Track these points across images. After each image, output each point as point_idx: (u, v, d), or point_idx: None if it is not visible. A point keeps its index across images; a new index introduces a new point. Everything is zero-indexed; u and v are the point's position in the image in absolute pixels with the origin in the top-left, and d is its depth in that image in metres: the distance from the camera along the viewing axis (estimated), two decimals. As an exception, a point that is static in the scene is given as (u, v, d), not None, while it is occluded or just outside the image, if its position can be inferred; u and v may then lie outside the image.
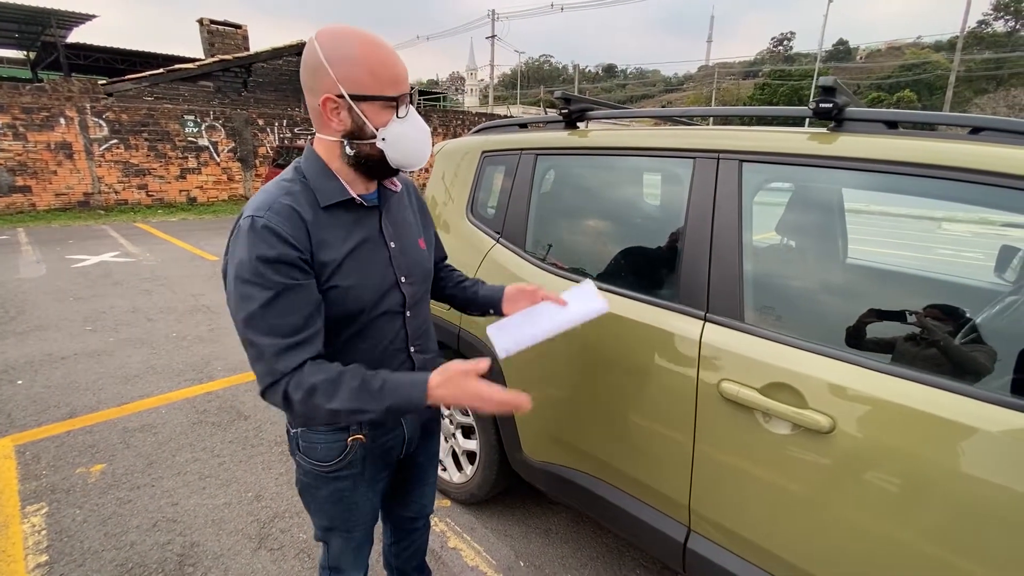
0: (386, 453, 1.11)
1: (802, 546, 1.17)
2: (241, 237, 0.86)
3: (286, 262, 0.85)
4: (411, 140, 0.93)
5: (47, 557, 1.84)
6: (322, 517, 1.11)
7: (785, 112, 1.39)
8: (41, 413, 2.82)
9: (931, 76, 45.83)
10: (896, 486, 1.02)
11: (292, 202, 0.88)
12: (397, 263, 1.02)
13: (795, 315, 1.37)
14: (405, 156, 0.93)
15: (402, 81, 0.90)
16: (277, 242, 0.84)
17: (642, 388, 1.42)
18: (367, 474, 1.09)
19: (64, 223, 9.38)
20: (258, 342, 0.85)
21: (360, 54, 0.85)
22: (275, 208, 0.87)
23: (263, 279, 0.84)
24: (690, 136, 1.42)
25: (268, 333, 0.84)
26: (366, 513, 1.14)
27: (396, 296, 1.02)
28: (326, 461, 1.02)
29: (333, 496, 1.07)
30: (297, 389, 0.84)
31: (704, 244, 1.33)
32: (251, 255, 0.83)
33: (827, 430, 1.08)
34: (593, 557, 1.94)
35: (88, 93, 10.36)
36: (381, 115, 0.89)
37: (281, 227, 0.85)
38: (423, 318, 1.12)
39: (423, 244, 1.11)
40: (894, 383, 1.05)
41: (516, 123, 2.03)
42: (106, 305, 4.74)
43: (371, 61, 0.86)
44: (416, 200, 1.17)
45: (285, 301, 0.85)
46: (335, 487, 1.06)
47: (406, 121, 0.91)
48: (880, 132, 1.16)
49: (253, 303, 0.84)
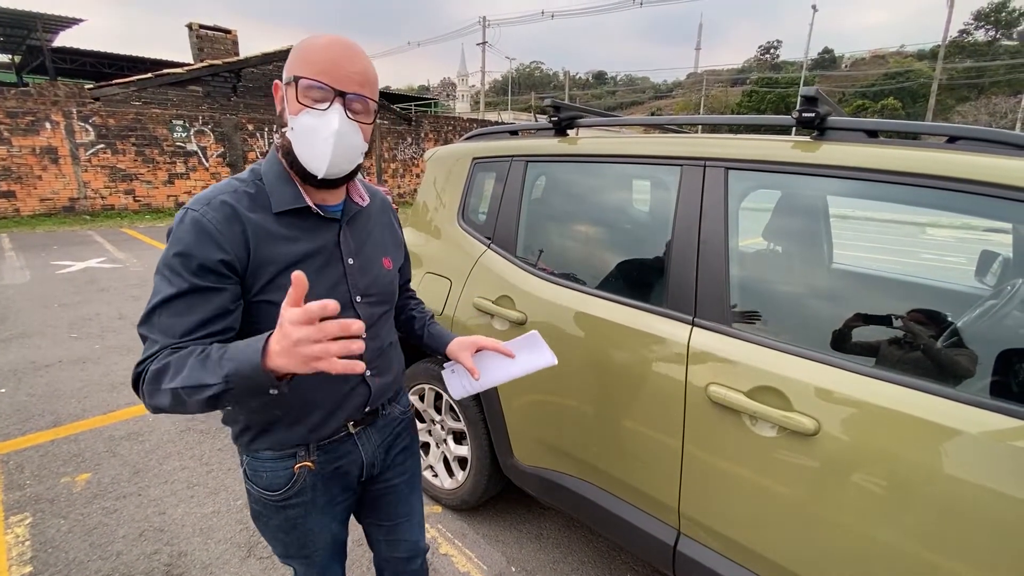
0: (341, 477, 1.05)
1: (790, 548, 1.19)
2: (173, 228, 0.82)
3: (203, 263, 0.79)
4: (315, 136, 0.81)
5: (31, 568, 1.81)
6: (276, 545, 1.06)
7: (770, 121, 1.42)
8: (25, 422, 2.77)
9: (914, 84, 46.78)
10: (879, 487, 1.04)
11: (234, 200, 0.83)
12: (353, 280, 0.95)
13: (781, 319, 1.39)
14: (307, 152, 0.83)
15: (338, 74, 0.80)
16: (202, 240, 0.79)
17: (631, 392, 1.43)
18: (319, 501, 1.02)
19: (49, 228, 9.24)
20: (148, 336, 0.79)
21: (312, 44, 0.81)
22: (213, 204, 0.82)
23: (174, 274, 0.79)
24: (677, 144, 1.45)
25: (160, 328, 0.78)
26: (323, 539, 1.06)
27: (348, 315, 0.94)
28: (272, 490, 0.97)
29: (285, 525, 1.01)
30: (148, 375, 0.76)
31: (691, 250, 1.35)
32: (171, 249, 0.80)
33: (812, 432, 1.10)
34: (584, 561, 1.94)
35: (74, 97, 10.24)
36: (295, 104, 0.82)
37: (213, 225, 0.80)
38: (383, 339, 1.04)
39: (388, 263, 1.04)
40: (877, 386, 1.07)
41: (507, 130, 2.05)
42: (92, 312, 4.67)
43: (315, 48, 0.81)
44: (392, 218, 1.13)
45: (187, 302, 0.79)
46: (286, 515, 1.00)
47: (321, 116, 0.81)
48: (861, 141, 1.19)
49: (157, 296, 0.79)
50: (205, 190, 0.85)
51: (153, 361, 0.76)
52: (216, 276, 0.80)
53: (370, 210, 1.04)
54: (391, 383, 1.08)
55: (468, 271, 1.87)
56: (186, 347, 0.77)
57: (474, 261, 1.87)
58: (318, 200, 0.92)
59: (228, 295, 0.82)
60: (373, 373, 1.02)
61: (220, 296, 0.81)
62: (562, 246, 1.86)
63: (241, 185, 0.86)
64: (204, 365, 0.73)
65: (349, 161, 0.87)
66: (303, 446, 0.97)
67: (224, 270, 0.81)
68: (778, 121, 1.34)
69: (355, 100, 0.83)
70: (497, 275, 1.79)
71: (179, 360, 0.75)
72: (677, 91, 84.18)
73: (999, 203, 1.00)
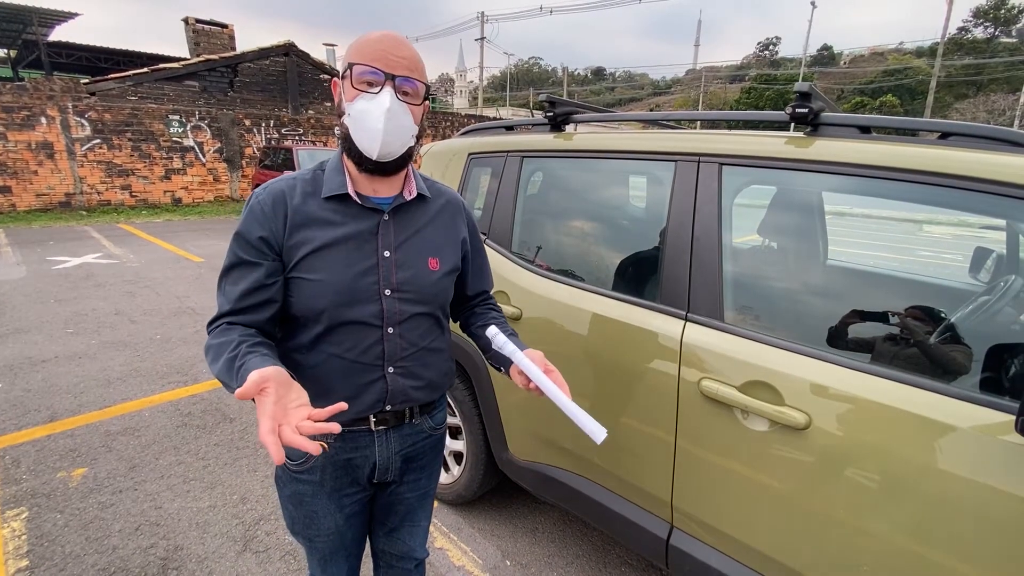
0: (352, 470, 1.05)
1: (781, 540, 1.20)
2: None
3: (247, 239, 0.91)
4: (369, 117, 0.87)
5: (27, 562, 1.81)
6: (286, 514, 1.11)
7: (764, 117, 1.42)
8: (21, 417, 2.77)
9: (913, 81, 46.76)
10: (869, 481, 1.05)
11: (287, 187, 0.94)
12: (386, 273, 0.95)
13: (774, 315, 1.40)
14: (361, 134, 0.88)
15: (387, 59, 0.86)
16: (251, 220, 0.92)
17: (625, 387, 1.44)
18: (327, 485, 1.04)
19: (45, 224, 9.20)
20: (217, 301, 0.95)
21: (365, 38, 0.89)
22: (270, 189, 0.94)
23: (230, 249, 0.94)
24: (672, 140, 1.45)
25: (222, 294, 0.94)
26: (326, 526, 1.07)
27: (372, 307, 0.95)
28: (291, 459, 1.02)
29: (294, 497, 1.06)
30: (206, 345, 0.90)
31: (685, 245, 1.35)
32: (237, 226, 0.94)
33: (803, 427, 1.11)
34: (579, 555, 1.96)
35: (70, 92, 10.18)
36: (352, 91, 0.88)
37: (262, 206, 0.92)
38: (418, 340, 1.02)
39: (435, 264, 1.01)
40: (868, 381, 1.08)
41: (502, 125, 2.05)
42: (88, 307, 4.66)
43: (367, 41, 0.88)
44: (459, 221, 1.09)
45: (237, 273, 0.93)
46: (296, 488, 1.05)
47: (373, 99, 0.86)
48: (854, 137, 1.20)
49: (223, 263, 0.95)
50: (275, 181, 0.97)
51: (212, 330, 0.91)
52: (256, 251, 0.91)
53: (429, 207, 1.04)
54: (419, 388, 1.04)
55: (463, 266, 1.88)
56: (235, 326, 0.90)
57: (469, 256, 1.87)
58: (370, 191, 0.97)
59: (264, 270, 0.92)
60: (396, 371, 1.00)
61: (255, 271, 0.92)
62: (557, 242, 1.86)
63: (304, 174, 0.97)
64: (230, 370, 0.82)
65: (401, 142, 0.91)
66: None
67: (263, 247, 0.91)
68: (772, 117, 1.34)
69: (404, 83, 0.89)
70: (492, 270, 1.79)
71: (218, 349, 0.86)
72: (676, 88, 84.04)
73: (991, 199, 1.00)
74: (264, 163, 11.02)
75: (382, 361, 0.98)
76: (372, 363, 0.98)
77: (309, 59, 13.66)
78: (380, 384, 0.99)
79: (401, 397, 1.02)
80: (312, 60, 13.75)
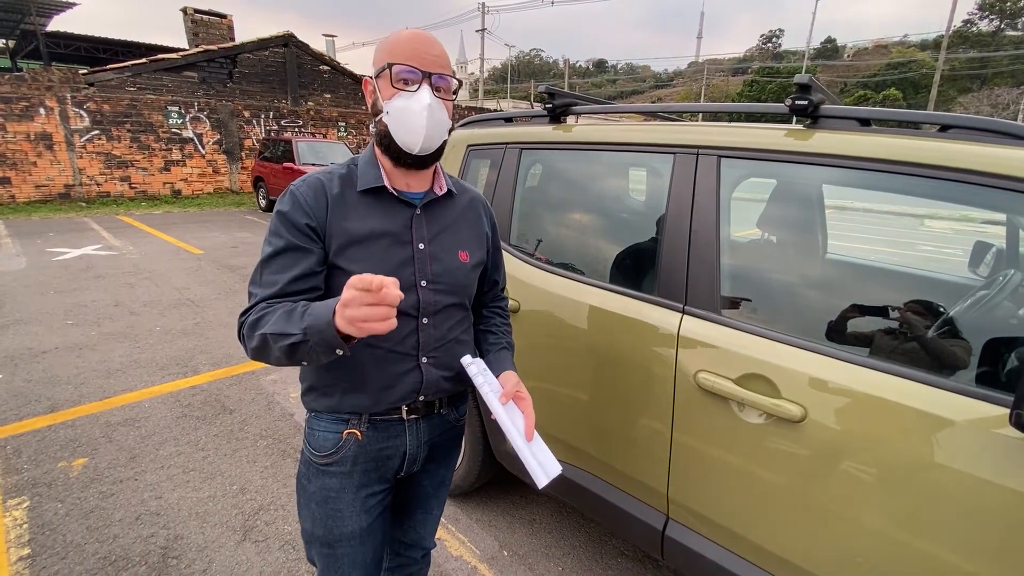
0: (382, 462, 1.05)
1: (777, 532, 1.20)
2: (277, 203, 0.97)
3: (294, 224, 0.92)
4: (410, 113, 0.91)
5: (29, 550, 1.83)
6: (307, 517, 1.07)
7: (764, 109, 1.41)
8: (22, 407, 2.78)
9: (917, 75, 46.44)
10: (865, 473, 1.06)
11: (325, 179, 0.97)
12: (421, 265, 0.99)
13: (771, 308, 1.40)
14: (402, 131, 0.92)
15: (422, 58, 0.91)
16: (295, 206, 0.93)
17: (622, 379, 1.44)
18: (356, 479, 1.04)
19: (45, 215, 9.19)
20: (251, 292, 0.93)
21: (397, 38, 0.92)
22: (308, 181, 0.96)
23: (274, 236, 0.93)
24: (670, 132, 1.44)
25: (261, 283, 0.93)
26: (350, 527, 1.04)
27: (409, 298, 0.97)
28: (320, 450, 1.02)
29: (320, 493, 1.03)
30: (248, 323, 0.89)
31: (683, 238, 1.35)
32: (274, 218, 0.94)
33: (799, 419, 1.12)
34: (576, 546, 1.97)
35: (69, 83, 10.13)
36: (388, 90, 0.92)
37: (304, 195, 0.94)
38: (448, 331, 1.05)
39: (465, 256, 1.06)
40: (864, 374, 1.08)
41: (501, 117, 2.04)
42: (88, 299, 4.67)
43: (398, 39, 0.91)
44: (482, 216, 1.13)
45: (284, 259, 0.92)
46: (323, 483, 1.03)
47: (412, 96, 0.91)
48: (854, 129, 1.19)
49: (265, 251, 0.94)
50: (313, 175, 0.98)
51: (251, 312, 0.89)
52: (306, 237, 0.93)
53: (456, 203, 1.09)
54: (450, 379, 1.06)
55: (462, 259, 1.87)
56: (280, 303, 0.89)
57: (468, 249, 1.87)
58: (403, 185, 1.00)
59: (315, 258, 0.93)
60: (429, 361, 1.02)
61: (308, 257, 0.93)
62: (555, 234, 1.86)
63: (338, 169, 0.99)
64: (289, 318, 0.84)
65: (439, 135, 0.95)
66: (356, 415, 1.01)
67: (311, 233, 0.93)
68: (771, 109, 1.33)
69: (439, 80, 0.93)
70: (491, 263, 1.79)
71: (272, 312, 0.87)
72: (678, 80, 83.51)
73: (991, 192, 1.00)
74: (264, 155, 10.98)
75: (416, 351, 1.01)
76: (408, 352, 1.00)
77: (308, 50, 13.56)
78: (415, 374, 1.02)
79: (434, 387, 1.04)
80: (311, 51, 13.66)
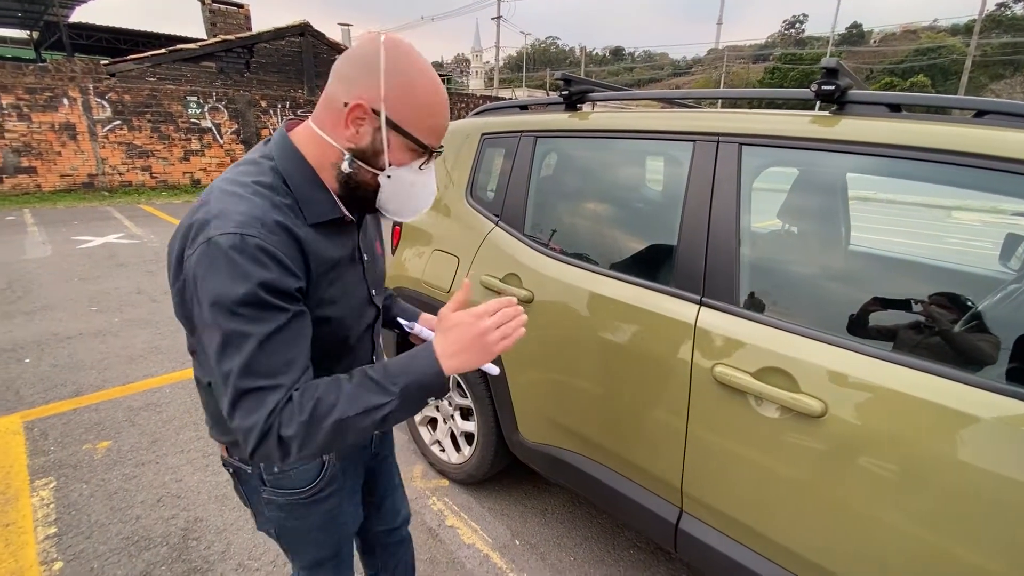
0: (362, 451, 1.07)
1: (792, 528, 1.19)
2: (222, 259, 0.67)
3: (286, 291, 0.71)
4: (417, 193, 0.83)
5: (56, 529, 1.89)
6: (311, 550, 1.00)
7: (788, 95, 1.37)
8: (48, 391, 2.86)
9: (946, 61, 44.84)
10: (887, 471, 1.03)
11: (285, 219, 0.73)
12: (369, 276, 0.94)
13: (791, 301, 1.36)
14: (398, 204, 0.83)
15: (440, 136, 0.81)
16: (275, 267, 0.70)
17: (637, 371, 1.43)
18: (348, 484, 1.02)
19: (69, 204, 9.41)
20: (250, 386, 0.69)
21: (420, 91, 0.76)
22: (269, 226, 0.71)
23: (265, 309, 0.69)
24: (690, 119, 1.41)
25: (276, 370, 0.70)
26: (351, 527, 1.06)
27: (371, 312, 0.95)
28: (303, 486, 0.92)
29: (323, 520, 0.97)
30: (290, 422, 0.69)
31: (702, 228, 1.32)
32: (245, 283, 0.67)
33: (819, 414, 1.09)
34: (588, 537, 1.97)
35: (91, 73, 10.29)
36: (402, 155, 0.78)
37: (278, 249, 0.70)
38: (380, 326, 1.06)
39: (379, 248, 1.03)
40: (888, 369, 1.05)
41: (516, 104, 2.02)
42: (111, 286, 4.77)
43: (426, 103, 0.77)
44: None
45: (285, 335, 0.71)
46: (324, 508, 0.96)
47: (421, 174, 0.82)
48: (883, 115, 1.14)
49: (249, 342, 0.68)
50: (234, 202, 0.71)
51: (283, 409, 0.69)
52: (298, 302, 0.74)
53: None
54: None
55: (476, 249, 1.87)
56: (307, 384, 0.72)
57: (482, 238, 1.86)
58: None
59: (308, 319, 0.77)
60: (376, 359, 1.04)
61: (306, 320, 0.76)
62: (570, 224, 1.84)
63: (277, 196, 0.75)
64: (366, 388, 0.73)
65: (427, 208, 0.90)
66: None
67: (300, 296, 0.75)
68: (796, 95, 1.29)
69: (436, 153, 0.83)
70: (505, 253, 1.78)
71: (323, 394, 0.71)
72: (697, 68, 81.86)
73: None
74: (280, 145, 11.03)
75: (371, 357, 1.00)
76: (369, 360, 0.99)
77: (324, 39, 13.58)
78: None
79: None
80: (327, 40, 13.67)
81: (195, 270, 0.69)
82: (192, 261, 0.69)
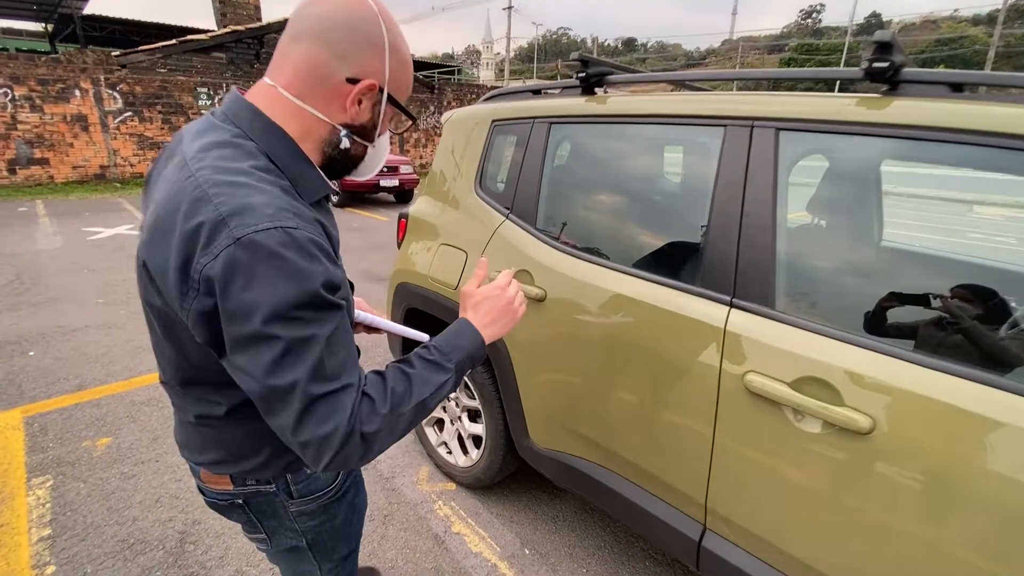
0: None
1: (830, 552, 1.08)
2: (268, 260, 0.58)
3: (339, 285, 0.66)
4: (381, 153, 0.85)
5: (50, 531, 1.83)
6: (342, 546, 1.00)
7: (830, 74, 1.24)
8: (51, 385, 2.82)
9: (968, 51, 43.64)
10: (943, 495, 0.92)
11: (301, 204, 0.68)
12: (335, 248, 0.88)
13: (835, 302, 1.24)
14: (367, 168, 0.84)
15: None
16: (325, 259, 0.64)
17: (658, 377, 1.32)
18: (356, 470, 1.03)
19: (81, 195, 9.45)
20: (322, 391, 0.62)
21: (408, 62, 0.76)
22: (302, 215, 0.64)
23: (323, 311, 0.63)
24: (721, 102, 1.29)
25: (334, 377, 0.64)
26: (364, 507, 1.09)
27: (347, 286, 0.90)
28: (332, 483, 0.92)
29: (349, 512, 0.99)
30: (371, 418, 0.66)
31: (733, 222, 1.20)
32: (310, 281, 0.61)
33: (866, 431, 0.98)
34: (601, 547, 1.88)
35: (102, 65, 10.30)
36: (389, 124, 0.81)
37: (321, 239, 0.65)
38: None
39: None
40: (947, 381, 0.93)
41: (529, 89, 1.90)
42: (119, 278, 4.74)
43: (410, 73, 0.78)
44: None
45: (343, 331, 0.67)
46: (346, 501, 0.97)
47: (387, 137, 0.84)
48: (943, 96, 1.02)
49: (315, 346, 0.61)
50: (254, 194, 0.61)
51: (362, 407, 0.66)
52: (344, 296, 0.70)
53: None
54: None
55: (485, 243, 1.76)
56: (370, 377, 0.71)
57: (491, 232, 1.75)
58: None
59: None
60: None
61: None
62: (586, 217, 1.72)
63: (280, 180, 0.67)
64: (430, 369, 0.75)
65: None
66: None
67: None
68: (842, 74, 1.16)
69: None
70: (515, 247, 1.67)
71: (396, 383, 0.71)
72: (711, 58, 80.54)
73: None
74: (290, 136, 11.00)
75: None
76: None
77: (334, 30, 13.48)
78: None
79: None
80: (337, 31, 13.57)
81: (225, 278, 0.58)
82: (217, 269, 0.58)
